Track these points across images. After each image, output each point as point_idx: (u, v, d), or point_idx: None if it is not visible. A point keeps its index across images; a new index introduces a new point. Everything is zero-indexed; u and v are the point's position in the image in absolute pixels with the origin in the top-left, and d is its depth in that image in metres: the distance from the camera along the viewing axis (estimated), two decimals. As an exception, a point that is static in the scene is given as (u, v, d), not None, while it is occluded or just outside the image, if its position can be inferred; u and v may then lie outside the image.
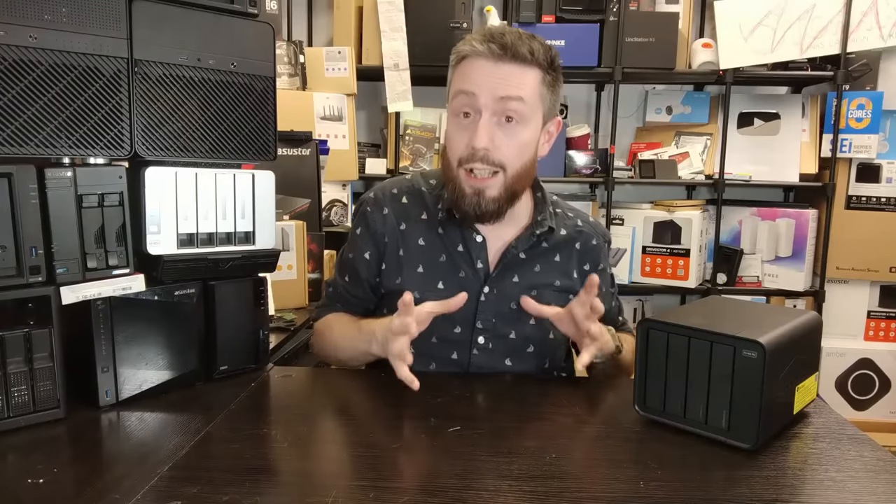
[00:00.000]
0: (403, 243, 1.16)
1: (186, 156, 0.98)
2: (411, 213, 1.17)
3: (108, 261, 0.91)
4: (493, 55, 1.02)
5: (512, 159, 1.06)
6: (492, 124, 1.04)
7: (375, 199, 1.20)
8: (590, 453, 0.81)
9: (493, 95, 1.03)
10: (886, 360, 2.61)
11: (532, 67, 1.04)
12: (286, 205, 1.90)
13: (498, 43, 1.02)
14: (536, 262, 1.17)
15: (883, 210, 2.56)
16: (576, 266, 1.20)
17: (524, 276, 1.16)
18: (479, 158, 1.04)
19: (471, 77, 1.04)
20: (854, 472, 0.76)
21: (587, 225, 1.24)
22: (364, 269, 1.19)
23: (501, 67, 1.03)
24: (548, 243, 1.18)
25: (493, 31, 1.04)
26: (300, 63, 2.36)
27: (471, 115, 1.05)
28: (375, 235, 1.17)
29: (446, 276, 1.14)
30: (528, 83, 1.04)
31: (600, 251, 1.23)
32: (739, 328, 0.81)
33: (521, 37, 1.03)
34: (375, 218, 1.18)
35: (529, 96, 1.04)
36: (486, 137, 1.03)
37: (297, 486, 0.74)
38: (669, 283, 2.62)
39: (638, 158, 2.62)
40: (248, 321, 1.07)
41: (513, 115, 1.04)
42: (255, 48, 1.03)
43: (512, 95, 1.03)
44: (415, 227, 1.17)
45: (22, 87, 0.82)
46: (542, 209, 1.17)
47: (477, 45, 1.03)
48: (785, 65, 2.50)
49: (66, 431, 0.86)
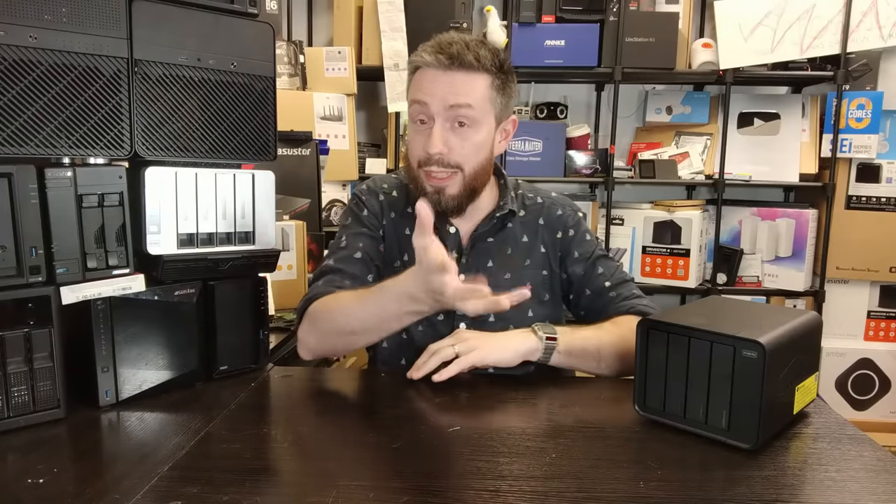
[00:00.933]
0: (396, 230, 1.23)
1: (186, 156, 0.98)
2: (399, 204, 1.24)
3: (108, 261, 0.91)
4: (441, 65, 1.08)
5: (468, 159, 1.12)
6: (445, 130, 1.10)
7: (369, 188, 1.27)
8: (590, 453, 0.81)
9: (444, 104, 1.08)
10: (886, 360, 2.61)
11: (480, 73, 1.10)
12: (286, 205, 1.90)
13: (445, 53, 1.08)
14: (507, 246, 1.23)
15: (883, 210, 2.56)
16: (545, 239, 1.24)
17: (497, 260, 1.21)
18: (435, 162, 1.11)
19: (423, 87, 1.10)
20: (854, 472, 0.76)
21: (548, 199, 1.28)
22: (370, 246, 1.20)
23: (450, 76, 1.08)
24: (513, 224, 1.23)
25: (442, 41, 1.10)
26: (300, 63, 2.36)
27: (426, 122, 1.11)
28: (376, 217, 1.23)
29: None
30: (476, 89, 1.10)
31: (567, 218, 1.26)
32: (739, 328, 0.81)
33: (468, 45, 1.09)
34: (372, 203, 1.24)
35: (478, 101, 1.10)
36: (439, 143, 1.09)
37: (297, 486, 0.74)
38: (669, 283, 2.62)
39: (638, 158, 2.62)
40: (248, 321, 1.07)
41: (464, 120, 1.10)
42: (255, 48, 1.03)
43: (461, 103, 1.08)
44: (402, 218, 1.23)
45: (22, 87, 0.82)
46: (504, 194, 1.23)
47: (426, 56, 1.09)
48: (785, 65, 2.50)
49: (66, 431, 0.86)
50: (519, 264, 1.22)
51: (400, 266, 1.20)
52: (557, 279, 1.25)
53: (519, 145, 2.56)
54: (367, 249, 1.20)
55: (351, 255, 1.19)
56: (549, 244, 1.24)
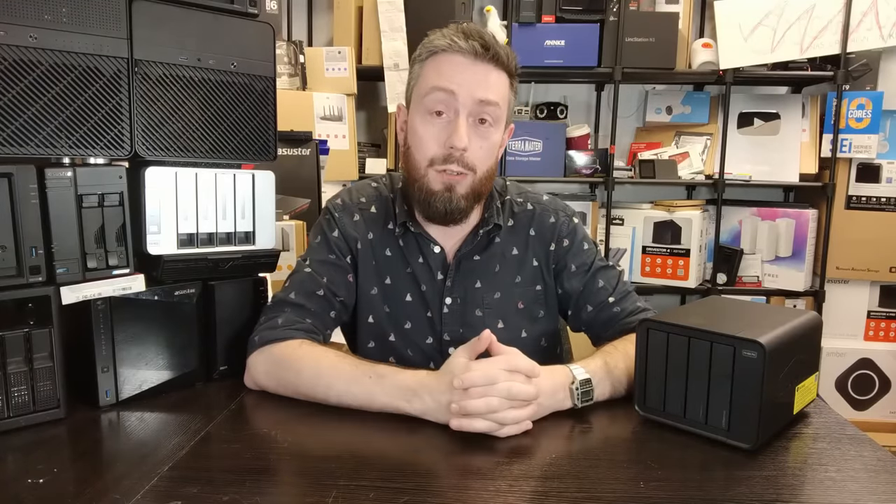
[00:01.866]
0: (374, 252, 1.12)
1: (186, 156, 0.98)
2: (378, 221, 1.13)
3: (108, 261, 0.91)
4: (474, 53, 0.99)
5: (482, 162, 1.04)
6: (468, 125, 1.01)
7: (344, 205, 1.14)
8: (590, 453, 0.81)
9: (473, 96, 1.00)
10: (886, 360, 2.61)
11: (503, 71, 1.03)
12: (286, 205, 1.90)
13: (479, 41, 0.99)
14: (495, 263, 1.13)
15: (883, 210, 2.56)
16: (537, 251, 1.14)
17: (485, 280, 1.12)
18: (456, 160, 1.01)
19: (449, 74, 1.00)
20: (854, 472, 0.76)
21: (540, 205, 1.17)
22: (335, 278, 1.09)
23: (481, 68, 1.00)
24: (499, 238, 1.13)
25: (468, 30, 1.02)
26: (300, 63, 2.36)
27: (444, 114, 1.02)
28: (346, 241, 1.11)
29: (413, 289, 1.12)
30: (501, 86, 1.03)
31: (561, 226, 1.15)
32: (739, 328, 0.81)
33: (494, 39, 1.02)
34: (345, 223, 1.12)
35: (502, 100, 1.03)
36: (465, 138, 1.00)
37: (297, 486, 0.74)
38: (669, 283, 2.61)
39: (638, 158, 2.61)
40: (248, 321, 1.07)
41: (486, 118, 1.02)
42: (255, 48, 1.03)
43: (490, 99, 1.00)
44: (382, 238, 1.12)
45: (22, 87, 0.82)
46: (490, 205, 1.12)
47: (458, 40, 1.00)
48: (785, 65, 2.50)
49: (66, 431, 0.86)
50: (509, 282, 1.13)
51: (377, 294, 1.11)
52: (553, 293, 1.16)
53: (519, 145, 2.56)
54: (331, 284, 1.08)
55: (313, 292, 1.06)
56: (542, 257, 1.14)
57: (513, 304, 1.14)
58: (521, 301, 1.13)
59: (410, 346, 1.12)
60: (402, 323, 1.12)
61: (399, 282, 1.12)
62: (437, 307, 1.12)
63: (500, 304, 1.13)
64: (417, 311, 1.12)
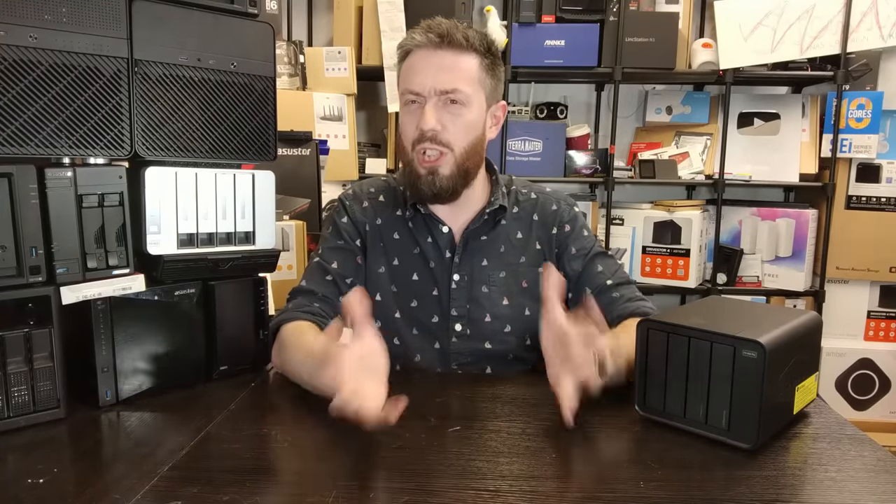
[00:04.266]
0: (381, 236, 1.21)
1: (186, 156, 0.98)
2: (387, 208, 1.23)
3: (108, 261, 0.91)
4: (431, 44, 1.09)
5: (458, 139, 1.11)
6: (437, 108, 1.10)
7: (354, 194, 1.26)
8: (590, 453, 0.81)
9: (435, 81, 1.09)
10: (886, 360, 2.61)
11: (468, 53, 1.11)
12: (286, 205, 1.90)
13: (435, 32, 1.09)
14: (500, 243, 1.21)
15: (883, 210, 2.56)
16: (540, 235, 1.23)
17: (491, 259, 1.20)
18: (429, 139, 1.10)
19: (414, 67, 1.11)
20: (854, 472, 0.76)
21: (542, 195, 1.26)
22: (344, 262, 1.19)
23: (440, 55, 1.10)
24: (505, 221, 1.21)
25: (430, 23, 1.11)
26: (300, 63, 2.36)
27: (417, 102, 1.11)
28: (355, 225, 1.21)
29: (420, 268, 1.19)
30: (466, 67, 1.11)
31: (563, 213, 1.24)
32: (739, 328, 0.81)
33: (456, 26, 1.10)
34: (354, 209, 1.23)
35: (469, 79, 1.10)
36: (432, 119, 1.09)
37: (297, 486, 0.74)
38: (669, 283, 2.61)
39: (638, 158, 2.61)
40: (248, 321, 1.07)
41: (455, 98, 1.10)
42: (255, 48, 1.03)
43: (450, 87, 1.09)
44: (390, 222, 1.22)
45: (22, 87, 0.82)
46: (496, 190, 1.21)
47: (417, 37, 1.10)
48: (785, 65, 2.50)
49: (66, 431, 0.86)
50: (514, 262, 1.21)
51: (384, 273, 1.20)
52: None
53: (519, 145, 2.56)
54: (339, 268, 1.18)
55: (322, 277, 1.18)
56: (545, 240, 1.22)
57: (517, 283, 1.20)
58: (525, 280, 1.20)
59: (416, 324, 1.18)
60: (408, 301, 1.19)
61: (407, 262, 1.20)
62: (446, 284, 1.18)
63: (506, 282, 1.19)
64: (424, 289, 1.19)
